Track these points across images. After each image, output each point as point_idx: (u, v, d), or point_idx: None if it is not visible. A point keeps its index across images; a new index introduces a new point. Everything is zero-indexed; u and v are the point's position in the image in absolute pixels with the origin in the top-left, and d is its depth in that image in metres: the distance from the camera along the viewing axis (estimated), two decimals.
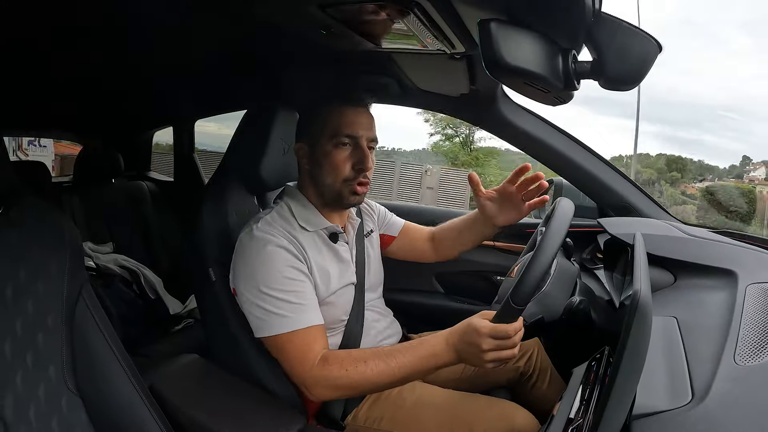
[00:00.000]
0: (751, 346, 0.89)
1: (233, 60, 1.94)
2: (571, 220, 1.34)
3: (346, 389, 1.25)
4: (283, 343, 1.28)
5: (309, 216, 1.43)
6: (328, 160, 1.37)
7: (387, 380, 1.23)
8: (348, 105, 1.39)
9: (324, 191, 1.42)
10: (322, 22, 1.22)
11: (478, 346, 1.14)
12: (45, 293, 1.05)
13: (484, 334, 1.13)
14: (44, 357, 1.02)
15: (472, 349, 1.16)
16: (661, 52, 0.91)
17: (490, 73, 0.90)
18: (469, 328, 1.17)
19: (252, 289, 1.28)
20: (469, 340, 1.16)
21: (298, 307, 1.28)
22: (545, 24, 0.88)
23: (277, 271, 1.28)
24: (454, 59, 1.49)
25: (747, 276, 1.20)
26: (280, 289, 1.27)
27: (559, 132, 2.04)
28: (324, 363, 1.25)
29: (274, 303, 1.27)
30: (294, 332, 1.26)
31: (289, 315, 1.27)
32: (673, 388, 0.83)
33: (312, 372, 1.25)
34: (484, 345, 1.13)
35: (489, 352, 1.14)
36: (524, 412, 1.36)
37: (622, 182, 2.02)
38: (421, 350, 1.23)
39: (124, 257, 2.79)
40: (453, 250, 1.82)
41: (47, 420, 1.00)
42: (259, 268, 1.28)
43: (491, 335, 1.13)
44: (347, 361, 1.24)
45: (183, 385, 1.35)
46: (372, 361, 1.23)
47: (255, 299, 1.28)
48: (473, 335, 1.15)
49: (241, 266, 1.32)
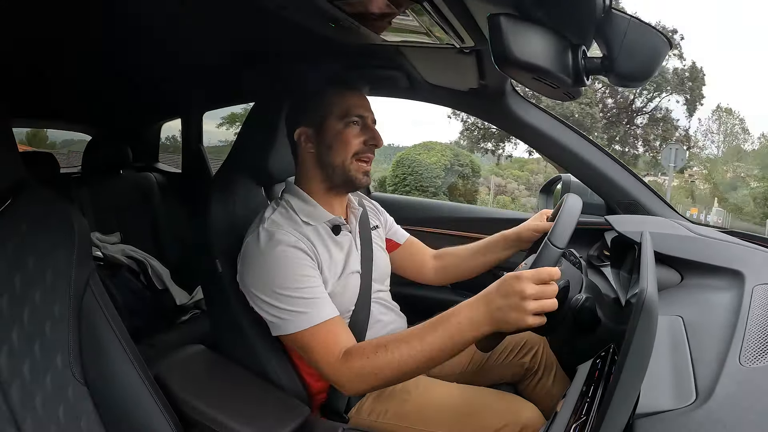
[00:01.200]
0: (757, 348, 0.89)
1: (241, 52, 1.94)
2: (579, 216, 1.34)
3: (374, 379, 1.21)
4: (306, 339, 1.27)
5: (310, 210, 1.43)
6: (340, 139, 1.40)
7: (414, 363, 1.16)
8: (351, 88, 1.45)
9: (334, 172, 1.43)
10: (330, 14, 1.21)
11: (520, 293, 1.05)
12: (53, 283, 1.06)
13: (525, 278, 1.05)
14: (51, 346, 1.03)
15: (512, 299, 1.06)
16: (671, 48, 0.91)
17: (499, 68, 0.90)
18: (506, 279, 1.09)
19: (266, 290, 1.28)
20: (507, 290, 1.07)
21: (314, 302, 1.28)
22: (555, 19, 0.88)
23: (291, 271, 1.28)
24: (463, 53, 1.49)
25: (754, 277, 1.20)
26: (295, 287, 1.27)
27: (568, 128, 2.03)
28: (347, 356, 1.23)
29: (291, 302, 1.26)
30: (315, 327, 1.26)
31: (307, 311, 1.26)
32: (678, 387, 0.82)
33: (338, 367, 1.23)
34: (528, 290, 1.04)
35: (531, 300, 1.05)
36: (531, 407, 1.36)
37: (630, 179, 2.01)
38: (448, 323, 1.15)
39: (131, 248, 2.80)
40: (457, 274, 1.84)
41: (54, 408, 1.01)
42: (271, 269, 1.28)
43: (532, 279, 1.05)
44: (368, 349, 1.21)
45: (188, 375, 1.35)
46: (393, 345, 1.18)
47: (271, 300, 1.28)
48: (512, 283, 1.07)
49: (251, 269, 1.32)
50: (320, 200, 1.46)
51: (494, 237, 1.78)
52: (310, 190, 1.46)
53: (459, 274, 1.84)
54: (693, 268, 1.35)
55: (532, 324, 1.05)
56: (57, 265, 1.07)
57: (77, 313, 1.08)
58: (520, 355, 1.69)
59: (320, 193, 1.46)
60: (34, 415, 0.98)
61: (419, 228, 2.40)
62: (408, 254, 1.84)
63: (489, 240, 1.79)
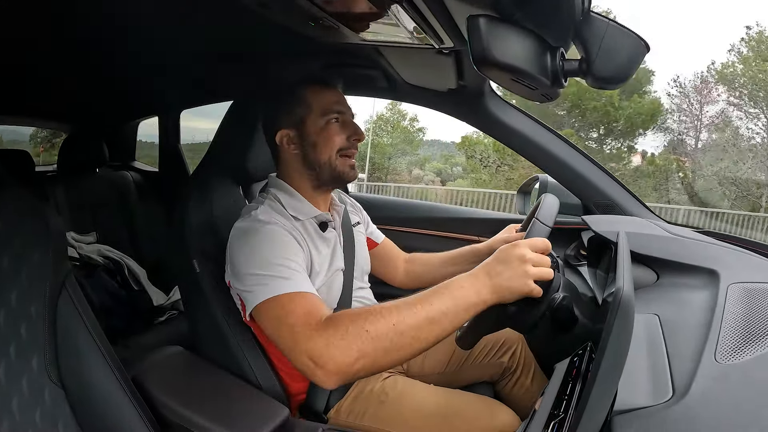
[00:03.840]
0: (732, 345, 0.90)
1: (220, 51, 1.93)
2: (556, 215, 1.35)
3: (361, 353, 1.03)
4: (284, 302, 1.16)
5: (297, 205, 1.43)
6: (324, 136, 1.40)
7: (415, 324, 1.04)
8: (327, 86, 1.45)
9: (321, 170, 1.42)
10: (311, 13, 1.21)
11: (520, 257, 1.05)
12: (28, 284, 1.04)
13: (522, 244, 1.07)
14: (27, 348, 1.02)
15: (513, 264, 1.05)
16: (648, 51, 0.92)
17: (478, 69, 0.90)
18: (504, 248, 1.09)
19: (251, 264, 1.22)
20: (506, 257, 1.07)
21: (297, 274, 1.22)
22: (534, 21, 0.89)
23: (279, 248, 1.25)
24: (442, 54, 1.49)
25: (728, 275, 1.22)
26: (282, 258, 1.22)
27: (545, 129, 2.05)
28: (330, 320, 1.09)
29: (275, 269, 1.20)
30: (296, 293, 1.17)
31: (290, 278, 1.20)
32: (655, 384, 0.84)
33: (318, 332, 1.07)
34: (527, 254, 1.05)
35: (531, 265, 1.05)
36: (507, 410, 1.38)
37: (606, 180, 2.03)
38: (452, 288, 1.06)
39: (107, 247, 2.76)
40: (427, 281, 1.83)
41: (30, 412, 0.99)
42: (260, 245, 1.24)
43: (530, 245, 1.07)
44: (355, 316, 1.07)
45: (166, 377, 1.34)
46: (387, 309, 1.06)
47: (254, 270, 1.21)
48: (510, 251, 1.07)
49: (240, 248, 1.27)
50: (306, 197, 1.45)
51: (465, 249, 1.79)
52: (297, 187, 1.46)
53: (428, 281, 1.84)
54: (669, 268, 1.37)
55: (533, 290, 1.03)
56: (32, 265, 1.05)
57: (53, 314, 1.06)
58: (499, 354, 1.69)
59: (307, 190, 1.46)
60: (11, 420, 0.96)
61: (395, 227, 2.42)
62: (382, 255, 1.85)
63: (460, 251, 1.79)
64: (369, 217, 1.86)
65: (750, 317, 1.00)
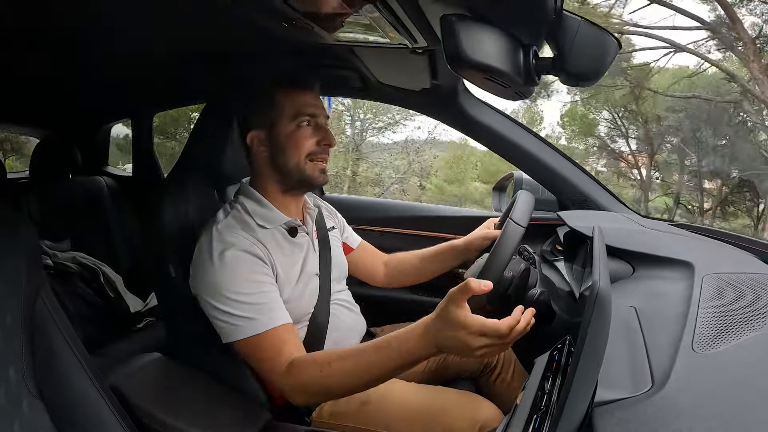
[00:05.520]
0: (709, 335, 0.92)
1: (192, 51, 1.91)
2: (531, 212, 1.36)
3: (319, 394, 1.25)
4: (252, 346, 1.27)
5: (265, 213, 1.42)
6: (293, 140, 1.40)
7: (358, 381, 1.16)
8: (301, 88, 1.43)
9: (289, 174, 1.42)
10: (283, 14, 1.20)
11: (468, 345, 1.01)
12: (2, 294, 1.02)
13: (474, 332, 1.00)
14: (4, 359, 0.99)
15: (459, 345, 1.02)
16: (620, 49, 0.94)
17: (452, 68, 0.91)
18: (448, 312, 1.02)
19: (215, 294, 1.27)
20: (453, 334, 1.02)
21: (263, 307, 1.27)
22: (507, 20, 0.90)
23: (242, 276, 1.28)
24: (416, 54, 1.50)
25: (703, 267, 1.23)
26: (244, 292, 1.26)
27: (520, 126, 2.07)
28: (290, 370, 1.22)
29: (240, 307, 1.26)
30: (261, 335, 1.25)
31: (255, 317, 1.26)
32: (634, 376, 0.85)
33: (281, 379, 1.23)
34: (476, 343, 1.01)
35: (481, 349, 1.02)
36: (490, 405, 1.39)
37: (580, 176, 2.06)
38: (394, 348, 1.11)
39: (82, 255, 2.71)
40: (408, 280, 1.90)
41: (9, 424, 0.97)
42: (221, 274, 1.27)
43: (481, 333, 1.01)
44: (312, 367, 1.20)
45: (145, 385, 1.32)
46: (338, 364, 1.16)
47: (219, 305, 1.27)
48: (460, 333, 1.01)
49: (202, 273, 1.31)
50: (276, 202, 1.45)
51: (443, 246, 1.82)
52: (266, 191, 1.45)
53: (409, 280, 1.89)
54: (644, 260, 1.38)
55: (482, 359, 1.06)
56: (6, 274, 1.03)
57: (29, 324, 1.04)
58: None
59: (276, 194, 1.45)
60: None
61: (372, 228, 2.42)
62: (360, 259, 1.86)
63: (439, 248, 1.82)
64: (345, 221, 1.87)
65: (725, 307, 1.01)
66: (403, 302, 2.32)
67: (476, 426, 1.31)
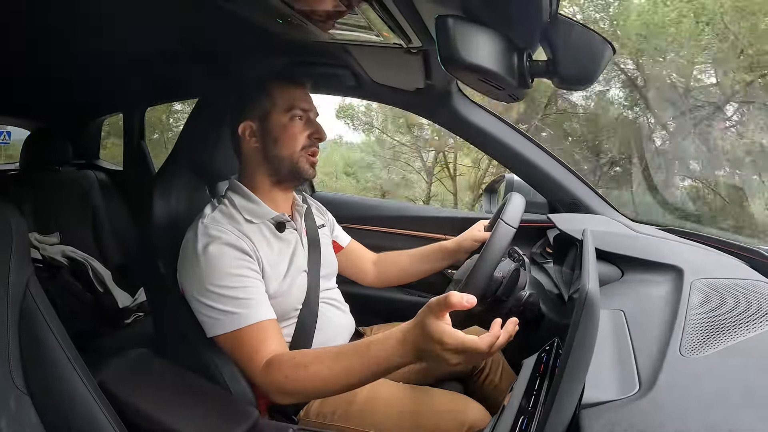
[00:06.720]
0: (697, 339, 0.92)
1: (186, 47, 1.90)
2: (522, 215, 1.37)
3: (297, 394, 1.23)
4: (233, 341, 1.28)
5: (253, 208, 1.43)
6: (286, 133, 1.41)
7: (335, 385, 1.14)
8: (294, 83, 1.46)
9: (281, 165, 1.43)
10: (278, 11, 1.20)
11: (445, 360, 1.00)
12: None
13: (450, 349, 0.99)
14: None
15: (435, 357, 1.01)
16: (614, 53, 0.94)
17: (446, 69, 0.91)
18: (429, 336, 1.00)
19: (200, 288, 1.28)
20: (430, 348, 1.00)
21: (246, 302, 1.28)
22: (502, 22, 0.90)
23: (224, 269, 1.28)
24: (410, 54, 1.50)
25: (692, 272, 1.24)
26: (227, 286, 1.27)
27: (512, 129, 2.08)
28: (268, 368, 1.22)
29: (222, 300, 1.26)
30: (243, 329, 1.26)
31: (237, 311, 1.26)
32: (621, 378, 0.85)
33: (259, 377, 1.24)
34: (453, 359, 0.99)
35: (459, 364, 1.01)
36: (475, 405, 1.39)
37: (572, 179, 2.07)
38: (373, 353, 1.09)
39: (71, 248, 2.70)
40: (397, 280, 1.90)
41: None
42: (206, 267, 1.28)
43: (457, 350, 0.99)
44: (288, 367, 1.19)
45: (133, 381, 1.31)
46: (314, 366, 1.15)
47: (203, 298, 1.28)
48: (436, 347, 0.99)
49: (188, 266, 1.32)
50: (264, 197, 1.45)
51: (433, 247, 1.83)
52: (255, 186, 1.45)
53: (399, 280, 1.89)
54: (633, 264, 1.39)
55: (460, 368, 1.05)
56: None
57: (16, 318, 1.03)
58: None
59: (265, 189, 1.46)
60: None
61: (362, 226, 2.42)
62: (349, 258, 1.86)
63: (429, 249, 1.83)
64: (334, 219, 1.87)
65: (713, 312, 1.02)
66: (393, 301, 2.31)
67: (464, 427, 1.31)
